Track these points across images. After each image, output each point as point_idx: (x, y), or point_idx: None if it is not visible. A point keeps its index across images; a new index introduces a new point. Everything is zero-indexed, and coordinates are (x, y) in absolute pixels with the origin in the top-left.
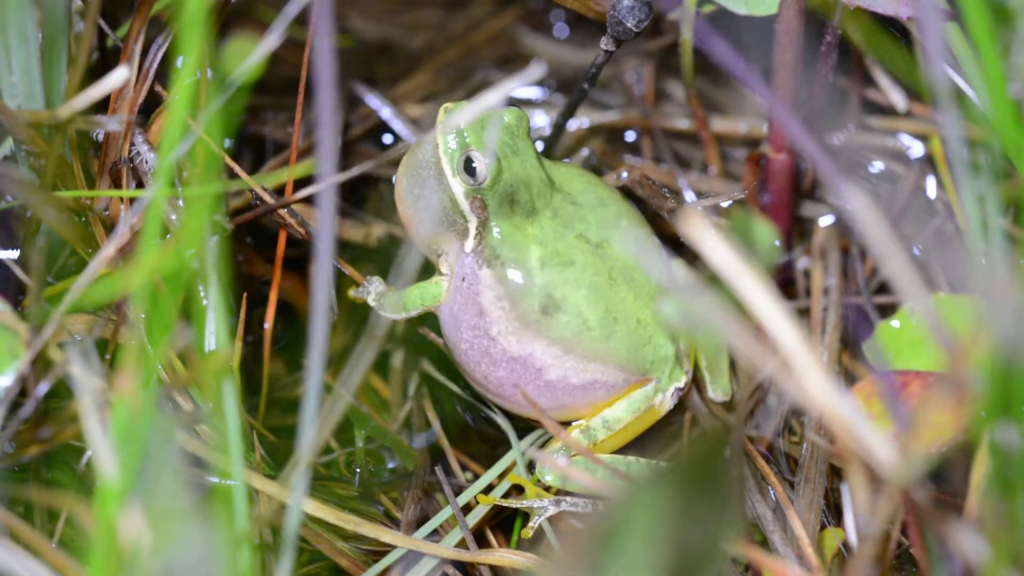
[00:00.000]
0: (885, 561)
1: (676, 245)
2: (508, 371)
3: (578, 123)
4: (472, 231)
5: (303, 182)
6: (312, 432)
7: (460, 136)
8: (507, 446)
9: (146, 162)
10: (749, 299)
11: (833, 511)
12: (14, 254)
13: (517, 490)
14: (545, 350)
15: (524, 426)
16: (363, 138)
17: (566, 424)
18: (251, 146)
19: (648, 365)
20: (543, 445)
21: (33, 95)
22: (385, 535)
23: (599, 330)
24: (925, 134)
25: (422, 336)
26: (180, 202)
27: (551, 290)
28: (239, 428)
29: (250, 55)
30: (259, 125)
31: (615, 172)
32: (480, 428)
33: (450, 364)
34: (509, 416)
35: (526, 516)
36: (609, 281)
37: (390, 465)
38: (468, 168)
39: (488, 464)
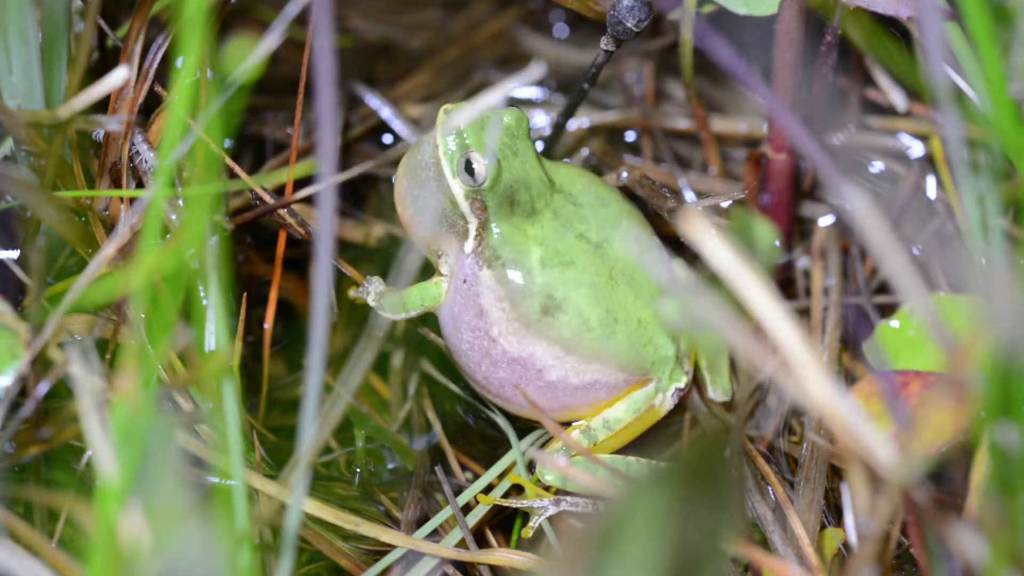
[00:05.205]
0: (885, 561)
1: (676, 245)
2: (509, 372)
3: (578, 123)
4: (472, 232)
5: (303, 182)
6: (312, 432)
7: (460, 137)
8: (507, 446)
9: (146, 162)
10: (749, 299)
11: (833, 511)
12: (14, 254)
13: (517, 490)
14: (546, 350)
15: (524, 426)
16: (363, 138)
17: (566, 425)
18: (251, 146)
19: (649, 365)
20: (543, 445)
21: (33, 95)
22: (385, 535)
23: (600, 330)
24: (925, 134)
25: (422, 336)
26: (180, 202)
27: (552, 290)
28: (239, 428)
29: (250, 55)
30: (259, 125)
31: (615, 172)
32: (480, 428)
33: (450, 364)
34: (509, 416)
35: (526, 516)
36: (610, 281)
37: (390, 465)
38: (468, 169)
39: (488, 464)
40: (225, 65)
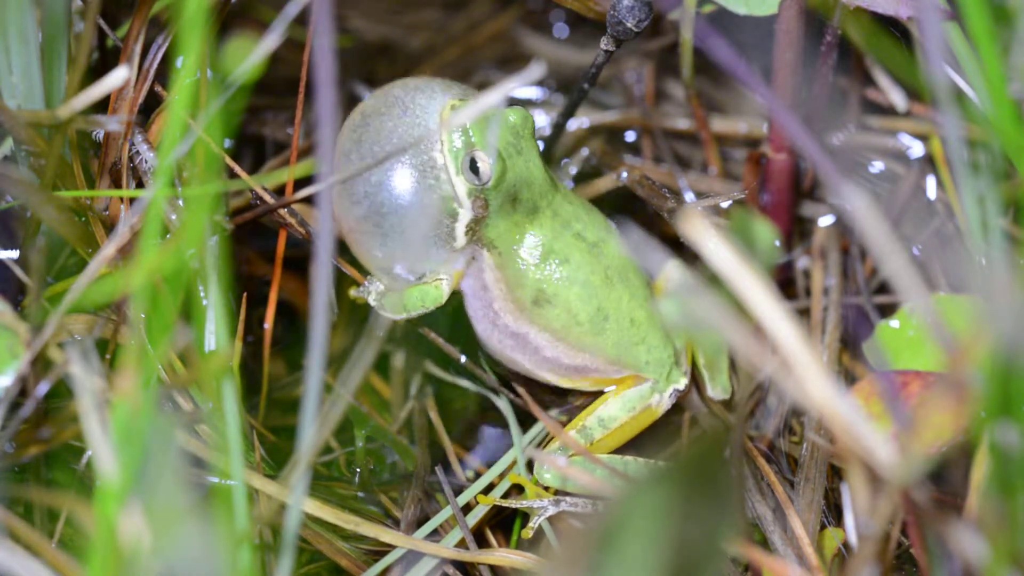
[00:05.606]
0: (885, 561)
1: (676, 245)
2: (513, 341)
3: (578, 123)
4: (463, 228)
5: (303, 182)
6: (312, 432)
7: (465, 135)
8: (508, 445)
9: (146, 162)
10: (749, 299)
11: (833, 511)
12: (14, 254)
13: (517, 490)
14: (538, 334)
15: (526, 418)
16: None
17: (574, 395)
18: (251, 146)
19: (642, 364)
20: (543, 444)
21: (33, 95)
22: (385, 535)
23: (588, 326)
24: (925, 134)
25: (422, 336)
26: (180, 202)
27: (543, 285)
28: (239, 428)
29: (250, 55)
30: (259, 125)
31: (615, 172)
32: (480, 428)
33: (450, 362)
34: (513, 406)
35: (526, 516)
36: (605, 280)
37: (390, 465)
38: (472, 168)
39: (488, 464)
40: (225, 65)
